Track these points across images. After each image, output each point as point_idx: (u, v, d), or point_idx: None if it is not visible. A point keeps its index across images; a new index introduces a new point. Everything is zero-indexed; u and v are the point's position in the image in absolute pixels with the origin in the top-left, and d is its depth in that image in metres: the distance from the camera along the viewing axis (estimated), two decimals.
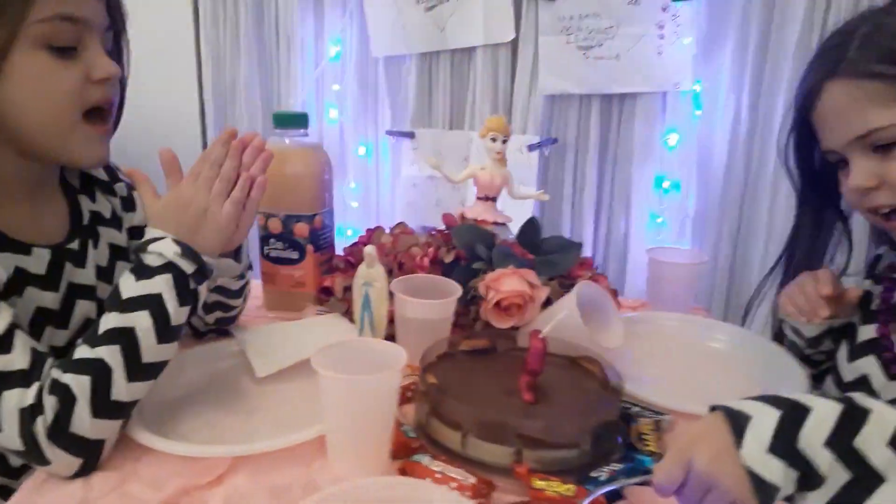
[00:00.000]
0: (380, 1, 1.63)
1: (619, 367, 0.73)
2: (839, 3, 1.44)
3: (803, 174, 0.81)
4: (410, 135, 1.74)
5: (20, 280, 0.68)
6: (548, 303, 0.85)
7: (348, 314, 0.94)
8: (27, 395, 0.59)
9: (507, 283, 0.82)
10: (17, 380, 0.60)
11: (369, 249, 0.78)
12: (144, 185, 0.72)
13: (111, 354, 0.61)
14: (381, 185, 1.83)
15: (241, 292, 0.87)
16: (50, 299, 0.71)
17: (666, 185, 1.67)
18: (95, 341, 0.62)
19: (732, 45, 1.56)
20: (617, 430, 0.69)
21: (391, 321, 0.84)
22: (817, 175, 0.80)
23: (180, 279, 0.65)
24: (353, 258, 0.98)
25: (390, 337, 0.83)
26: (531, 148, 1.66)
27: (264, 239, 0.99)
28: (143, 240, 0.67)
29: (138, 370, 0.63)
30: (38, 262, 0.70)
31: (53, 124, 0.67)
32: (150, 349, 0.63)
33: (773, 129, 1.56)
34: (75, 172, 0.81)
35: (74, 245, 0.75)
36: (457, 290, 0.82)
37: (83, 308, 0.74)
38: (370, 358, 0.64)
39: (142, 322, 0.63)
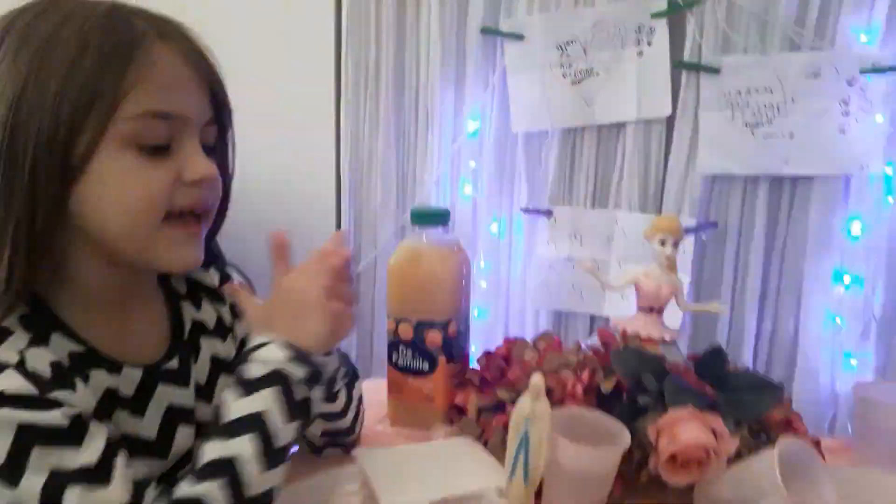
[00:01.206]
0: (524, 76, 1.55)
1: None
2: None
3: None
4: (548, 213, 1.62)
5: (110, 403, 0.61)
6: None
7: (482, 439, 0.82)
8: None
9: (685, 430, 0.66)
10: None
11: (537, 381, 0.65)
12: (241, 291, 0.66)
13: (212, 491, 0.53)
14: (513, 264, 1.71)
15: (342, 400, 0.77)
16: (141, 425, 0.63)
17: (847, 280, 1.44)
18: (197, 475, 0.54)
19: None
20: None
21: None
22: None
23: (288, 389, 0.57)
24: (489, 374, 0.85)
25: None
26: (687, 232, 1.48)
27: (393, 345, 0.89)
28: (246, 349, 0.59)
29: None
30: (127, 382, 0.63)
31: (135, 227, 0.60)
32: (256, 479, 0.55)
33: None
34: (181, 278, 0.74)
35: (174, 363, 0.68)
36: (624, 435, 0.67)
37: (184, 434, 0.66)
38: None
39: (246, 448, 0.55)
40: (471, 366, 0.91)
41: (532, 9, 1.51)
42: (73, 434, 0.53)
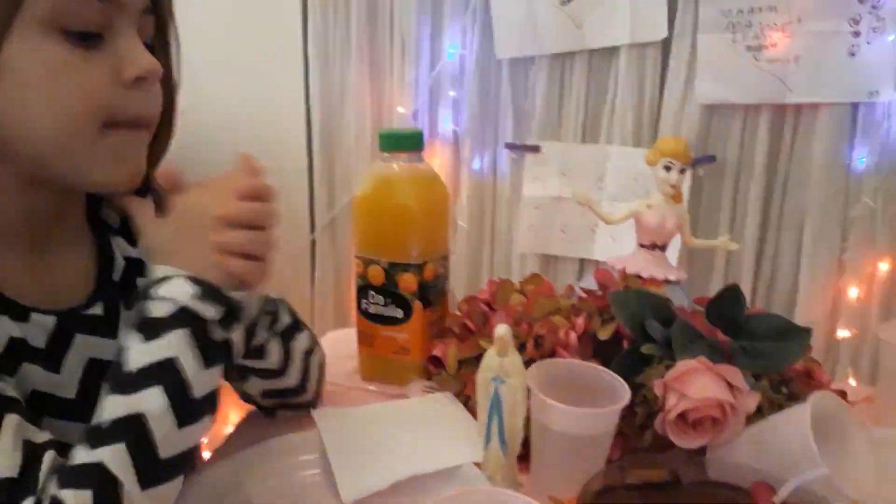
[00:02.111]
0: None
1: None
2: None
3: None
4: (535, 148, 1.54)
5: (16, 354, 0.51)
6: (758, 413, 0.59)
7: (464, 395, 0.73)
8: None
9: (697, 384, 0.57)
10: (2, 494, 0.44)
11: (503, 331, 0.55)
12: (140, 203, 0.55)
13: (116, 457, 0.45)
14: (498, 204, 1.62)
15: (275, 355, 0.66)
16: (57, 382, 0.54)
17: (855, 217, 1.35)
18: (95, 438, 0.46)
19: None
20: None
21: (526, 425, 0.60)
22: None
23: (200, 330, 0.49)
24: (473, 321, 0.75)
25: (524, 451, 0.60)
26: None
27: (362, 291, 0.78)
28: (146, 283, 0.50)
29: (155, 470, 0.46)
30: (37, 331, 0.53)
31: (66, 134, 0.50)
32: (170, 438, 0.47)
33: None
34: (113, 210, 0.63)
35: (97, 309, 0.58)
36: (623, 391, 0.58)
37: None
38: None
39: (154, 402, 0.47)
40: (451, 312, 0.81)
41: None
42: None
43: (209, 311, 0.49)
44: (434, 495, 0.46)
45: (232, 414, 0.80)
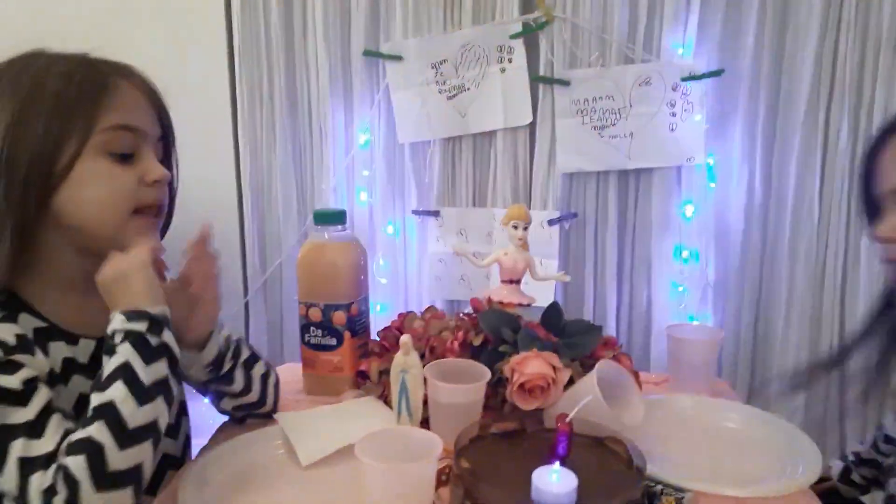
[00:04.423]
0: (405, 93, 1.74)
1: (642, 448, 0.77)
2: (843, 83, 1.52)
3: None
4: (436, 213, 1.81)
5: (68, 369, 0.77)
6: (570, 383, 0.90)
7: (383, 397, 1.00)
8: (46, 477, 0.64)
9: (530, 365, 0.87)
10: (42, 463, 0.66)
11: (405, 339, 0.85)
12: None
13: (98, 430, 0.66)
14: (409, 261, 1.89)
15: (240, 380, 0.91)
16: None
17: (685, 254, 1.72)
18: (85, 422, 0.67)
19: (742, 120, 1.63)
20: None
21: (425, 404, 0.89)
22: None
23: (140, 341, 0.71)
24: (388, 343, 1.04)
25: (425, 420, 0.88)
26: (551, 223, 1.73)
27: (305, 327, 1.06)
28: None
29: (127, 437, 0.67)
30: (83, 352, 0.79)
31: (109, 218, 0.77)
32: (134, 414, 0.68)
33: (786, 197, 1.63)
34: None
35: None
36: (486, 373, 0.88)
37: None
38: (409, 445, 0.70)
39: (118, 392, 0.68)
40: (372, 338, 1.09)
41: (407, 33, 1.70)
42: (23, 395, 0.68)
43: (140, 326, 0.71)
44: None
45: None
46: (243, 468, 0.85)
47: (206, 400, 0.96)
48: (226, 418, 1.00)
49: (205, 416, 1.00)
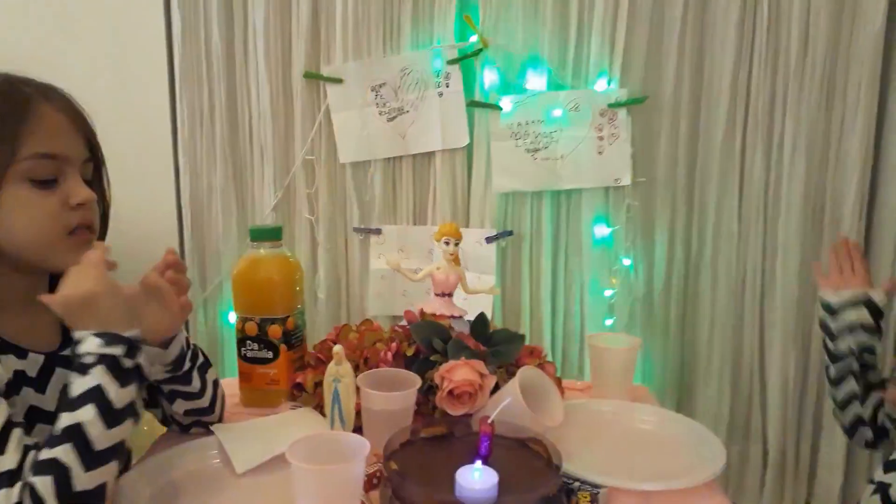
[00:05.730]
0: (345, 114, 1.78)
1: (561, 448, 0.82)
2: (758, 96, 1.66)
3: None
4: (377, 231, 1.85)
5: (20, 381, 0.78)
6: (497, 389, 0.95)
7: (319, 407, 1.03)
8: (12, 495, 0.65)
9: (458, 373, 0.92)
10: (5, 480, 0.66)
11: (337, 349, 0.88)
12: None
13: (65, 453, 0.67)
14: (351, 278, 1.92)
15: (196, 382, 0.94)
16: (43, 400, 0.80)
17: (615, 269, 1.80)
18: (52, 442, 0.68)
19: (665, 143, 1.73)
20: (559, 502, 0.78)
21: (359, 413, 0.93)
22: None
23: (114, 365, 0.71)
24: (323, 355, 1.07)
25: (358, 428, 0.92)
26: (489, 240, 1.79)
27: (241, 341, 1.08)
28: (73, 348, 0.73)
29: (93, 459, 0.68)
30: (32, 366, 0.80)
31: (38, 242, 0.79)
32: (101, 437, 0.69)
33: (707, 217, 1.74)
34: None
35: (66, 352, 0.84)
36: (416, 381, 0.92)
37: None
38: (338, 449, 0.73)
39: (87, 415, 0.68)
40: (308, 351, 1.12)
41: (347, 57, 1.75)
42: None
43: (117, 350, 0.71)
44: None
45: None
46: (179, 477, 0.87)
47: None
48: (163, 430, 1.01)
49: None
